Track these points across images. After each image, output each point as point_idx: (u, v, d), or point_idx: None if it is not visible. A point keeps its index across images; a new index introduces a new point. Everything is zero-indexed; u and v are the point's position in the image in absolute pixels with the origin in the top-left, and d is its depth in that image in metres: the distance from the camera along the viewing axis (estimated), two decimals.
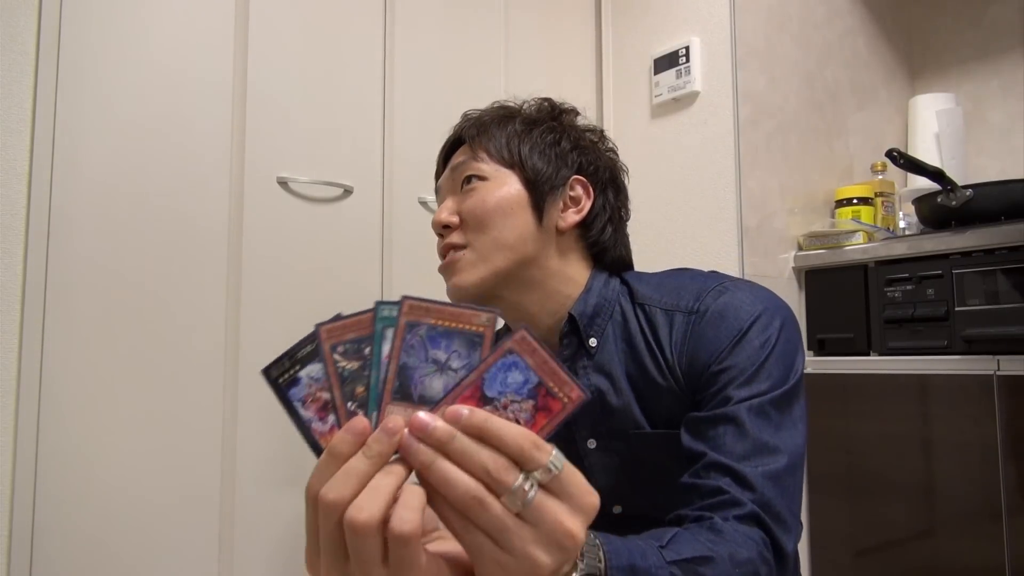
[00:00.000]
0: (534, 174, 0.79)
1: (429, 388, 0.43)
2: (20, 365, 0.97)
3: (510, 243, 0.77)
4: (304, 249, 1.24)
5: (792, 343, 0.74)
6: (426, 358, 0.43)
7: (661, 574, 0.52)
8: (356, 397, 0.44)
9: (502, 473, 0.39)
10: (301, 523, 1.31)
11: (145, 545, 1.05)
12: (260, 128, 1.21)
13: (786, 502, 0.66)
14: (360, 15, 1.34)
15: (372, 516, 0.38)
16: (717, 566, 0.57)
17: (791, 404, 0.72)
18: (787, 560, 0.65)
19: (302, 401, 0.44)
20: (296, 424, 0.45)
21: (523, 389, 0.43)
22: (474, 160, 0.80)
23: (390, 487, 0.40)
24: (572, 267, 0.82)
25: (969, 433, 1.22)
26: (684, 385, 0.74)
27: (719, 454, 0.67)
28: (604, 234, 0.83)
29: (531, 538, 0.40)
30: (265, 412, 1.17)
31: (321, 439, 0.44)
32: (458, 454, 0.40)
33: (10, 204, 0.98)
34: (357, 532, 0.39)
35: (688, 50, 1.54)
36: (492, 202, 0.78)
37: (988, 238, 1.24)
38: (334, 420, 0.44)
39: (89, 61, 1.05)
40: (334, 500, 0.40)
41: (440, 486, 0.40)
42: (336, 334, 0.44)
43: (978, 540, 1.20)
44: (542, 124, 0.83)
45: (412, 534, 0.38)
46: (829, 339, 1.46)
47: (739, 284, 0.77)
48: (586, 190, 0.83)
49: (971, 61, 1.85)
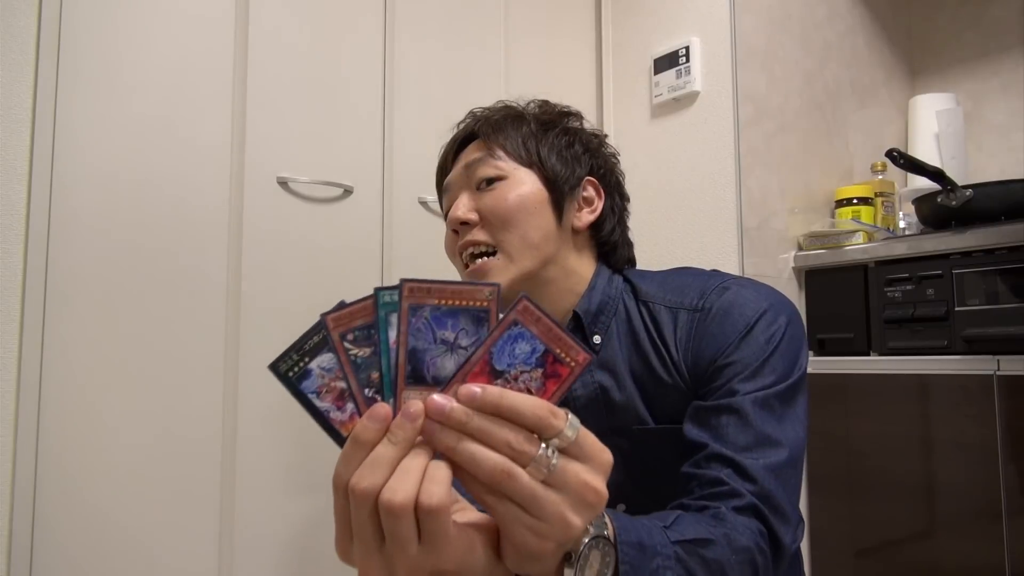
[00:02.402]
0: (553, 174, 0.81)
1: (442, 368, 0.44)
2: (20, 365, 0.97)
3: (536, 242, 0.78)
4: (304, 249, 1.24)
5: (797, 339, 0.75)
6: (434, 339, 0.44)
7: (666, 552, 0.54)
8: (372, 383, 0.44)
9: (524, 444, 0.41)
10: (301, 523, 1.31)
11: (145, 545, 1.05)
12: (260, 128, 1.20)
13: (786, 495, 0.67)
14: (360, 15, 1.34)
15: (408, 496, 0.40)
16: (717, 549, 0.58)
17: (795, 398, 0.72)
18: (784, 553, 0.66)
19: (316, 392, 0.44)
20: (313, 416, 0.45)
21: (531, 359, 0.43)
22: (491, 157, 0.81)
23: (420, 467, 0.41)
24: (583, 266, 0.84)
25: (969, 433, 1.22)
26: (689, 381, 0.75)
27: (721, 445, 0.68)
28: (614, 234, 0.86)
29: (560, 501, 0.42)
30: (265, 412, 1.17)
31: (342, 428, 0.44)
32: (479, 432, 0.41)
33: (10, 204, 0.98)
34: (394, 514, 0.40)
35: (688, 50, 1.53)
36: (514, 200, 0.78)
37: (988, 238, 1.24)
38: (353, 408, 0.44)
39: (89, 61, 1.05)
40: (367, 488, 0.40)
41: (467, 465, 0.41)
42: (343, 322, 0.44)
43: (978, 540, 1.20)
44: (556, 127, 0.84)
45: (441, 506, 0.40)
46: (829, 339, 1.46)
47: (742, 282, 0.78)
48: (598, 191, 0.85)
49: (971, 61, 1.85)
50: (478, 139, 0.84)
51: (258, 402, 1.16)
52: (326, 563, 1.21)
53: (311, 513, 1.20)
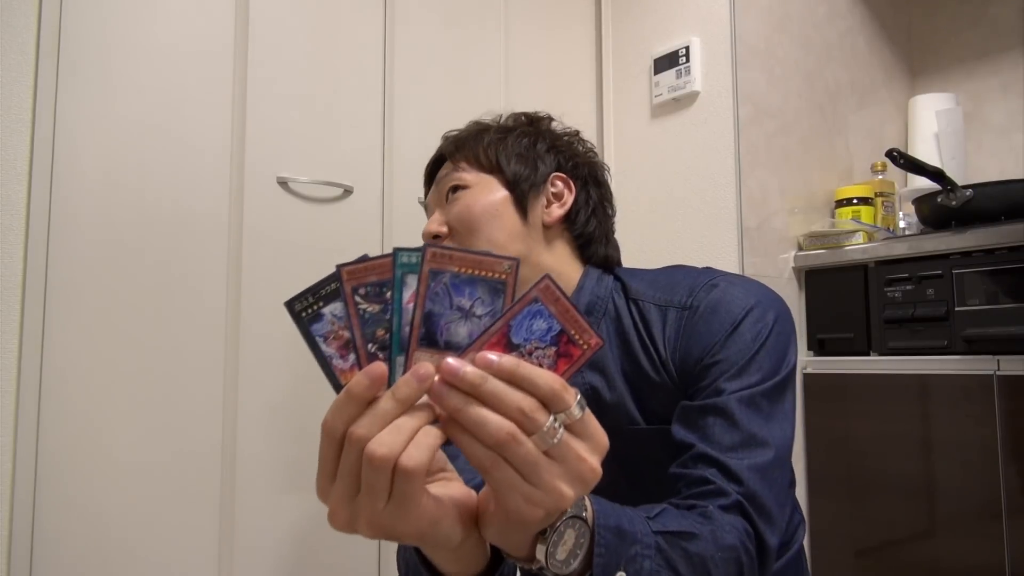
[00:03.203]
0: (513, 175, 0.83)
1: (455, 334, 0.45)
2: (20, 365, 0.97)
3: (501, 243, 0.80)
4: (304, 249, 1.24)
5: (784, 336, 0.75)
6: (451, 305, 0.44)
7: (647, 540, 0.55)
8: (377, 339, 0.45)
9: (535, 412, 0.42)
10: (301, 523, 1.31)
11: (145, 545, 1.05)
12: (260, 128, 1.20)
13: (772, 495, 0.67)
14: (360, 14, 1.34)
15: (391, 452, 0.41)
16: (701, 544, 0.59)
17: (782, 396, 0.73)
18: (769, 554, 0.66)
19: (324, 337, 0.45)
20: (317, 359, 0.46)
21: (547, 336, 0.44)
22: (455, 171, 0.84)
23: (412, 427, 0.42)
24: (563, 263, 0.84)
25: (969, 433, 1.22)
26: (678, 380, 0.75)
27: (707, 445, 0.68)
28: (588, 226, 0.86)
29: (558, 473, 0.43)
30: (265, 412, 1.17)
31: (341, 376, 0.45)
32: (491, 396, 0.42)
33: (10, 204, 0.98)
34: (373, 465, 0.41)
35: (688, 50, 1.53)
36: (478, 207, 0.81)
37: (988, 238, 1.24)
38: (355, 359, 0.45)
39: (89, 61, 1.05)
40: (362, 435, 0.42)
41: (472, 427, 0.42)
42: (358, 276, 0.45)
43: (978, 540, 1.20)
44: (516, 130, 0.87)
45: (415, 470, 0.41)
46: (829, 339, 1.46)
47: (732, 279, 0.78)
48: (567, 185, 0.86)
49: (971, 61, 1.85)
50: (447, 159, 0.88)
51: (258, 402, 1.16)
52: (326, 563, 1.21)
53: (311, 513, 1.20)
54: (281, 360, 1.18)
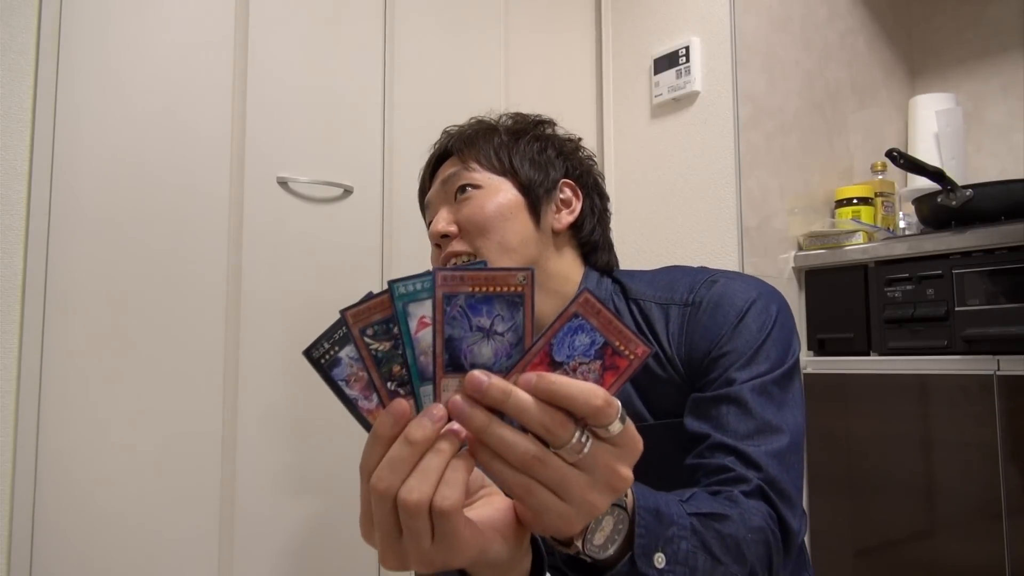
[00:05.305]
0: (527, 180, 0.83)
1: (479, 355, 0.44)
2: (20, 365, 0.97)
3: (514, 246, 0.80)
4: (304, 249, 1.24)
5: (787, 326, 0.77)
6: (470, 327, 0.44)
7: (683, 522, 0.55)
8: (395, 376, 0.45)
9: (559, 428, 0.41)
10: (301, 523, 1.31)
11: (145, 545, 1.05)
12: (260, 128, 1.20)
13: (790, 480, 0.68)
14: (360, 14, 1.34)
15: (423, 497, 0.41)
16: (732, 525, 0.59)
17: (791, 383, 0.74)
18: (792, 539, 0.67)
19: (346, 381, 0.45)
20: (344, 402, 0.46)
21: (590, 351, 0.44)
22: (466, 170, 0.84)
23: (438, 468, 0.41)
24: (568, 267, 0.86)
25: (969, 433, 1.22)
26: (684, 375, 0.76)
27: (722, 434, 0.69)
28: (595, 233, 0.88)
29: (588, 484, 0.43)
30: (265, 412, 1.17)
31: (369, 416, 0.45)
32: (516, 410, 0.41)
33: (10, 204, 0.98)
34: (409, 512, 0.41)
35: (688, 50, 1.53)
36: (491, 208, 0.81)
37: (988, 238, 1.24)
38: (378, 400, 0.45)
39: (89, 61, 1.05)
40: (385, 488, 0.41)
41: (498, 448, 0.42)
42: (362, 317, 0.45)
43: (978, 540, 1.20)
44: (527, 134, 0.87)
45: (452, 509, 0.41)
46: (829, 339, 1.46)
47: (729, 274, 0.80)
48: (575, 192, 0.87)
49: (971, 61, 1.85)
50: (453, 155, 0.87)
51: (258, 402, 1.16)
52: (326, 563, 1.21)
53: (311, 513, 1.20)
54: (281, 360, 1.17)
